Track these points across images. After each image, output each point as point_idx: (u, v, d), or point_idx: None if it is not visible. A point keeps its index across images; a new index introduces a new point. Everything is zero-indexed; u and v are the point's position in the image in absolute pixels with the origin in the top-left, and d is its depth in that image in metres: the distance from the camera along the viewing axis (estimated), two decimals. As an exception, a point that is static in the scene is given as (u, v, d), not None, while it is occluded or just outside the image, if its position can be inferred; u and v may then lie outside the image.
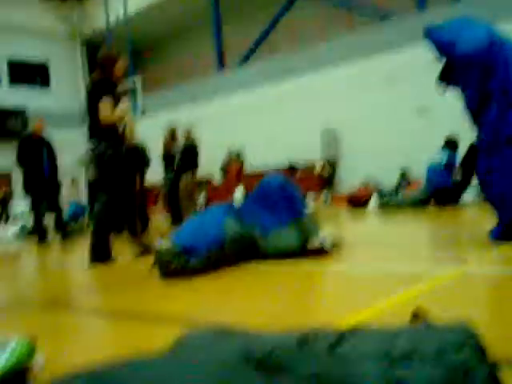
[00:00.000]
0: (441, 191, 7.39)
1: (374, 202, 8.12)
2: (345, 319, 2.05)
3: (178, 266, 3.45)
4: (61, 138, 8.49)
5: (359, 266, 3.50)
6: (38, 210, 8.03)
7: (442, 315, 1.55)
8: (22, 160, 8.02)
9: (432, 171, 7.49)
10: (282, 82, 16.51)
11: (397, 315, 1.92)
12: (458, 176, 7.35)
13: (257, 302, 2.68)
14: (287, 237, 3.91)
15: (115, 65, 4.82)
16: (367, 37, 15.05)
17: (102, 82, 4.77)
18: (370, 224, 7.05)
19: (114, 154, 4.64)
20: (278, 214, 3.97)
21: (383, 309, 2.24)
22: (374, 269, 3.29)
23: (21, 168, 8.08)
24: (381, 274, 3.08)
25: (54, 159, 8.27)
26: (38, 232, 8.13)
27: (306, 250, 3.85)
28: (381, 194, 9.44)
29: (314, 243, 3.86)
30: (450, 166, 7.41)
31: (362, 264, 3.57)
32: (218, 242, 3.67)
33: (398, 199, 7.99)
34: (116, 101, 4.71)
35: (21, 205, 11.78)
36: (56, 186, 8.29)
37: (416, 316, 1.49)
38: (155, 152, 9.41)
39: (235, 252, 3.75)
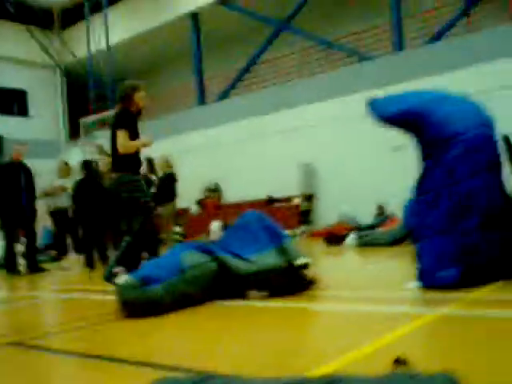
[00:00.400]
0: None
1: (351, 239, 8.16)
2: (327, 364, 2.04)
3: (133, 298, 3.28)
4: (39, 167, 8.39)
5: (338, 304, 3.49)
6: (11, 238, 7.87)
7: (424, 361, 1.55)
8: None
9: (407, 210, 7.58)
10: (261, 117, 16.70)
11: (380, 359, 1.92)
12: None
13: (232, 343, 2.64)
14: (271, 257, 3.85)
15: (135, 94, 4.92)
16: (345, 76, 15.40)
17: (122, 113, 4.89)
18: (348, 261, 7.08)
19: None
20: (260, 242, 3.95)
21: (366, 353, 2.22)
22: (355, 308, 3.29)
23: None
24: (363, 314, 3.08)
25: (31, 185, 8.14)
26: (7, 262, 7.93)
27: (292, 269, 3.79)
28: (358, 231, 9.51)
29: (301, 261, 3.83)
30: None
31: (341, 302, 3.56)
32: (175, 272, 3.52)
33: (375, 236, 8.03)
34: (135, 131, 4.87)
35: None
36: (33, 213, 8.17)
37: (399, 362, 1.49)
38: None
39: (201, 284, 3.59)
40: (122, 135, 4.78)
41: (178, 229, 9.10)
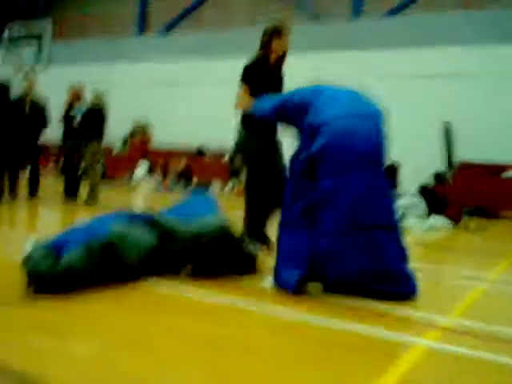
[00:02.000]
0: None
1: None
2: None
3: (46, 270, 2.58)
4: None
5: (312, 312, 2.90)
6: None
7: None
8: None
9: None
10: (205, 61, 15.74)
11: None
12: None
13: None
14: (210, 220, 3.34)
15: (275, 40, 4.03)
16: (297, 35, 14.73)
17: (253, 63, 4.09)
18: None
19: None
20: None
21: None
22: (341, 323, 2.75)
23: None
24: (353, 334, 2.53)
25: None
26: None
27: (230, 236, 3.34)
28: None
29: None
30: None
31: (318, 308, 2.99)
32: (100, 237, 2.87)
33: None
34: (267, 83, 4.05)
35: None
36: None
37: None
38: (57, 108, 8.36)
39: (132, 250, 2.96)
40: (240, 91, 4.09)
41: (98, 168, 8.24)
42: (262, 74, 4.08)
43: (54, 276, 2.58)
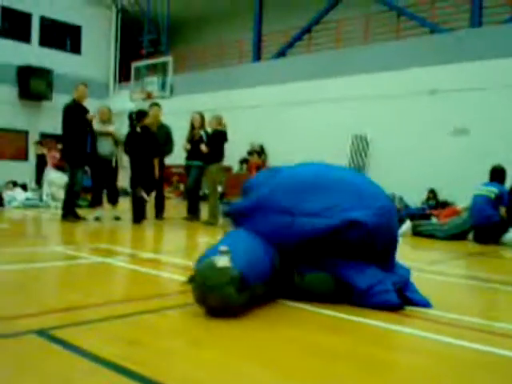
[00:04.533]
0: (484, 227, 6.76)
1: (406, 226, 7.44)
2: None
3: (224, 298, 2.48)
4: (87, 107, 7.94)
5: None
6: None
7: None
8: (68, 126, 7.52)
9: (479, 203, 6.85)
10: (316, 82, 15.88)
11: None
12: (504, 212, 6.72)
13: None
14: None
15: None
16: (412, 47, 14.38)
17: None
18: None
19: None
20: None
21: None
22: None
23: (68, 135, 7.57)
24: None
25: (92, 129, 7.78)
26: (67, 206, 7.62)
27: None
28: (409, 214, 8.85)
29: None
30: (498, 200, 6.77)
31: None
32: (267, 274, 2.80)
33: (432, 227, 7.31)
34: None
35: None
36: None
37: None
38: (178, 135, 8.91)
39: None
40: None
41: (219, 189, 8.61)
42: None
43: (227, 308, 2.54)
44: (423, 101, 13.78)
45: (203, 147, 8.12)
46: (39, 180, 12.87)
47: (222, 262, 2.52)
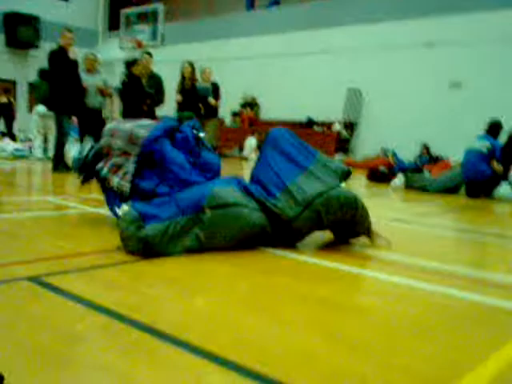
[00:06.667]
0: (476, 181, 6.77)
1: (398, 179, 7.46)
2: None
3: (128, 234, 2.70)
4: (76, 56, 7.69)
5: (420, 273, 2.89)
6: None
7: None
8: (53, 72, 7.26)
9: (472, 158, 6.83)
10: (312, 32, 15.55)
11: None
12: (498, 166, 6.71)
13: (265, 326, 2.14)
14: (314, 183, 2.99)
15: None
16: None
17: None
18: (399, 208, 6.46)
19: None
20: (296, 164, 3.14)
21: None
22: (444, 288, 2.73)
23: (53, 81, 7.30)
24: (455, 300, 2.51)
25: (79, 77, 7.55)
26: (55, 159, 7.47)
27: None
28: (403, 169, 8.85)
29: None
30: (491, 154, 6.75)
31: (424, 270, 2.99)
32: (193, 208, 2.82)
33: (425, 181, 7.31)
34: None
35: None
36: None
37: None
38: (170, 85, 8.74)
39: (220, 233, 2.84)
40: None
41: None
42: None
43: (135, 241, 2.70)
44: (419, 53, 13.57)
45: (212, 100, 8.00)
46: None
47: (122, 210, 2.89)
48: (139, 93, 7.66)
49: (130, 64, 7.63)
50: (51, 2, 20.58)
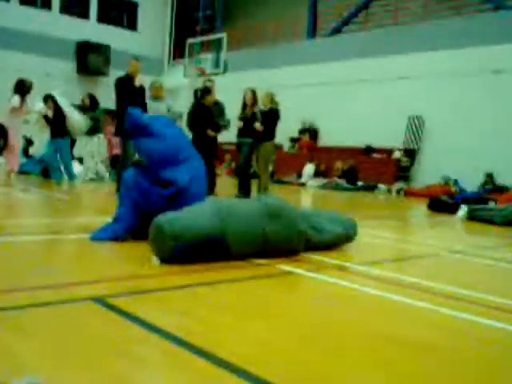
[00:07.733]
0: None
1: (462, 210, 7.18)
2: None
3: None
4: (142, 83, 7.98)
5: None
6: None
7: None
8: (119, 98, 7.51)
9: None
10: (372, 60, 15.51)
11: None
12: None
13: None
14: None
15: None
16: (473, 26, 13.76)
17: None
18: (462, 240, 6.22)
19: None
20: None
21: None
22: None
23: (119, 107, 7.54)
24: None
25: (145, 104, 7.76)
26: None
27: None
28: (465, 199, 8.58)
29: None
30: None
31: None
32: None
33: (490, 212, 6.99)
34: None
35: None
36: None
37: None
38: (232, 112, 8.90)
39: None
40: None
41: (270, 167, 8.57)
42: None
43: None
44: (483, 80, 13.24)
45: (258, 125, 8.05)
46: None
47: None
48: (209, 122, 7.83)
49: (204, 92, 7.81)
50: (121, 32, 21.59)
